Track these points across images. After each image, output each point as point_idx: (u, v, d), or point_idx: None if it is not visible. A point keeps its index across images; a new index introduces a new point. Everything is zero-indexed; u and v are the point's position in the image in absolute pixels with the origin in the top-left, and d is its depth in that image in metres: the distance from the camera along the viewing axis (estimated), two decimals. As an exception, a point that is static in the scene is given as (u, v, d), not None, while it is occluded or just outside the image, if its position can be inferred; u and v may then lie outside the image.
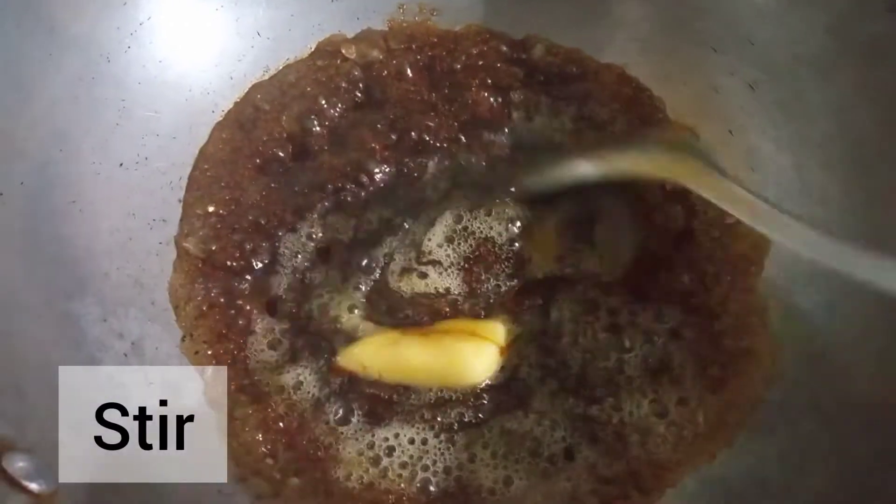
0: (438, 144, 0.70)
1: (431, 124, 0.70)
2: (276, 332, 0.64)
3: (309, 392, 0.62)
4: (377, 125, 0.70)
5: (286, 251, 0.66)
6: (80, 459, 0.53)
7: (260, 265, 0.66)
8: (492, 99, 0.71)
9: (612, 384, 0.63)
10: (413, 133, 0.70)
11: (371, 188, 0.69)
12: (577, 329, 0.65)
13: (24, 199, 0.58)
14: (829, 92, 0.64)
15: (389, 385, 0.63)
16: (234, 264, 0.65)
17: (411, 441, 0.62)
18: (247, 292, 0.65)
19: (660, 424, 0.62)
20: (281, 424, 0.61)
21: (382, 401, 0.63)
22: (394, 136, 0.70)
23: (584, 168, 0.65)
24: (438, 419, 0.62)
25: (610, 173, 0.64)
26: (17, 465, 0.47)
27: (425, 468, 0.61)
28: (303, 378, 0.63)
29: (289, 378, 0.63)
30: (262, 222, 0.67)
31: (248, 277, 0.65)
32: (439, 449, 0.61)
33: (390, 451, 0.61)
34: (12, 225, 0.58)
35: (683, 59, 0.70)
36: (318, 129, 0.70)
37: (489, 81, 0.71)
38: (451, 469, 0.61)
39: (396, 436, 0.62)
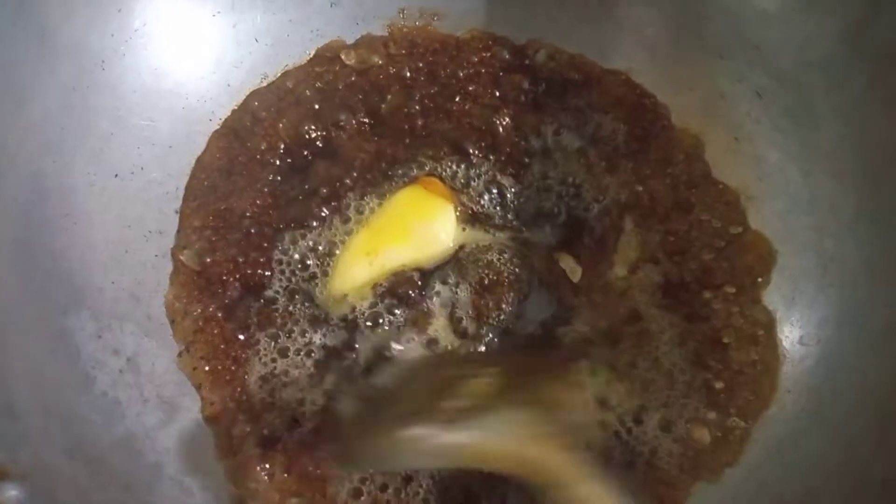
0: (441, 170, 0.68)
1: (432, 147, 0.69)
2: (275, 347, 0.63)
3: (309, 409, 0.61)
4: (378, 137, 0.69)
5: (284, 263, 0.65)
6: (75, 482, 0.52)
7: (257, 277, 0.64)
8: (497, 121, 0.69)
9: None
10: (414, 153, 0.68)
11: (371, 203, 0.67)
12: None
13: (16, 211, 0.57)
14: (838, 99, 0.63)
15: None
16: (231, 277, 0.64)
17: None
18: (244, 305, 0.63)
19: (663, 440, 0.61)
20: (280, 443, 0.60)
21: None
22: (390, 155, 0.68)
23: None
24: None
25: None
26: (9, 493, 0.46)
27: (424, 487, 0.60)
28: (304, 395, 0.61)
29: (289, 394, 0.61)
30: (260, 233, 0.65)
31: (246, 290, 0.64)
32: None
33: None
34: (4, 238, 0.57)
35: (689, 65, 0.69)
36: (317, 139, 0.68)
37: (494, 93, 0.70)
38: (452, 488, 0.60)
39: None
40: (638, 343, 0.63)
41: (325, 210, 0.66)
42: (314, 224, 0.66)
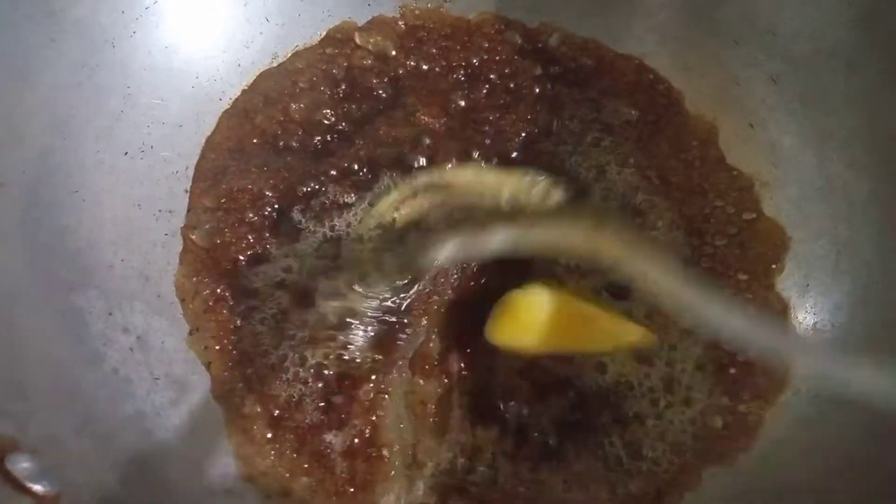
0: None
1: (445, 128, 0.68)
2: (286, 328, 0.62)
3: (319, 390, 0.61)
4: (391, 125, 0.68)
5: (296, 245, 0.64)
6: (85, 459, 0.51)
7: (269, 259, 0.63)
8: (513, 116, 0.68)
9: (628, 386, 0.61)
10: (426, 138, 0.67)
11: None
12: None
13: (25, 189, 0.57)
14: (854, 85, 0.62)
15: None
16: (242, 257, 0.63)
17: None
18: (256, 286, 0.63)
19: (677, 426, 0.60)
20: (290, 422, 0.59)
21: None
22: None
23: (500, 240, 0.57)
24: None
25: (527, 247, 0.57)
26: (21, 465, 0.45)
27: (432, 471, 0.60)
28: (312, 375, 0.61)
29: (299, 375, 0.61)
30: (271, 214, 0.65)
31: (257, 271, 0.63)
32: (445, 456, 0.60)
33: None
34: (13, 216, 0.56)
35: (703, 50, 0.68)
36: (328, 120, 0.68)
37: (508, 85, 0.70)
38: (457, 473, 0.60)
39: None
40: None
41: (340, 198, 0.65)
42: (329, 211, 0.65)
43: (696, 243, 0.65)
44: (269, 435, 0.59)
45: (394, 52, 0.70)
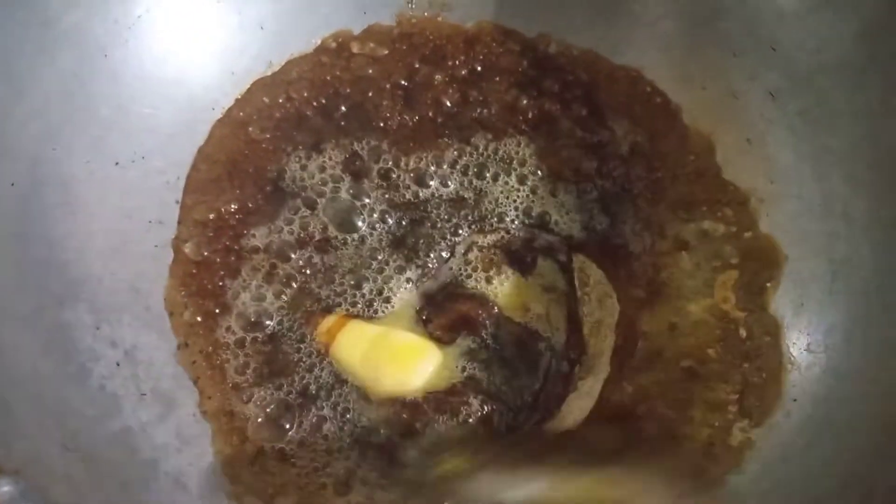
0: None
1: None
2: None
3: (309, 409, 0.61)
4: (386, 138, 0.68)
5: (288, 260, 0.64)
6: (69, 478, 0.51)
7: (260, 274, 0.63)
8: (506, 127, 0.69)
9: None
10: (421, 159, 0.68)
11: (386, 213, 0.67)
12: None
13: (14, 199, 0.56)
14: (854, 101, 0.61)
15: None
16: (233, 271, 0.63)
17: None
18: (246, 301, 0.63)
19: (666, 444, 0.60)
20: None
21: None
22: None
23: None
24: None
25: None
26: (2, 489, 0.45)
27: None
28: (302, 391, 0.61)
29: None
30: (263, 228, 0.64)
31: (248, 285, 0.63)
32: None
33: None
34: (3, 228, 0.56)
35: (703, 63, 0.67)
36: (324, 131, 0.67)
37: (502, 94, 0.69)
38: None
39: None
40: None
41: (334, 214, 0.65)
42: (321, 229, 0.65)
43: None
44: (256, 451, 0.59)
45: (389, 59, 0.69)
